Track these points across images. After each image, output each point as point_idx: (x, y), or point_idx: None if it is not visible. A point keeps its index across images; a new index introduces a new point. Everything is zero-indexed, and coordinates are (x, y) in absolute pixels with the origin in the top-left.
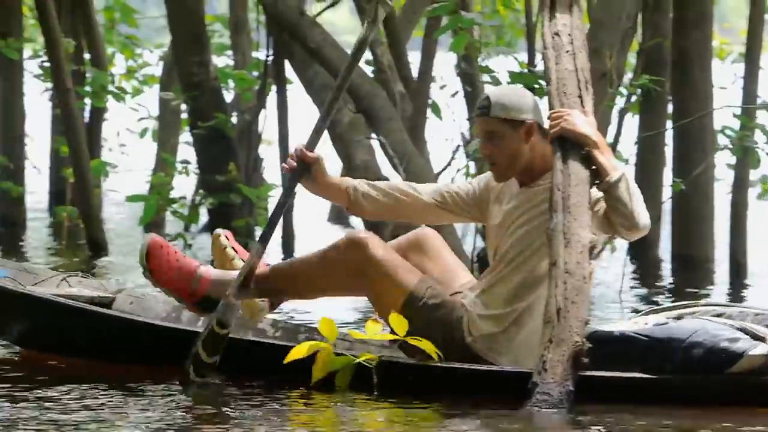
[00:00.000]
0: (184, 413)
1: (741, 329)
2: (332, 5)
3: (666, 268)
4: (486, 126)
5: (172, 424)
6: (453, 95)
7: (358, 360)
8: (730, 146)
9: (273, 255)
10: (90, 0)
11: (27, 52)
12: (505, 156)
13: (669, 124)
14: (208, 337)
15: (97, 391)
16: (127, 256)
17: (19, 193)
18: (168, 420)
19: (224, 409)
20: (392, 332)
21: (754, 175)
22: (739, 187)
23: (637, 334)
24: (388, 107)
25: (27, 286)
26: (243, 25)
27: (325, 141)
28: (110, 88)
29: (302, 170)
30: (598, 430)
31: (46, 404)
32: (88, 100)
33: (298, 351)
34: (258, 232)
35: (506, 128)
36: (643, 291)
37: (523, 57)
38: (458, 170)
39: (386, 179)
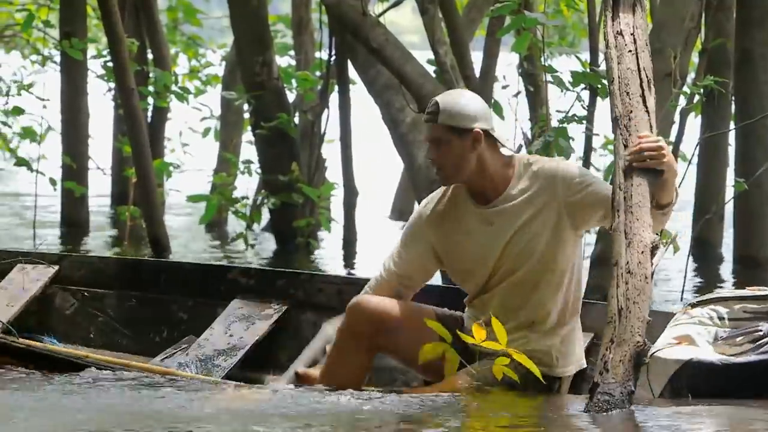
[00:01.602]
0: None
1: None
2: (395, 5)
3: (728, 269)
4: (433, 132)
5: None
6: (515, 95)
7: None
8: None
9: (336, 255)
10: (153, 0)
11: (91, 52)
12: (450, 163)
13: (732, 124)
14: None
15: None
16: (188, 256)
17: (82, 193)
18: None
19: None
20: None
21: None
22: None
23: (736, 361)
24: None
25: None
26: (306, 25)
27: (381, 141)
28: (173, 88)
29: None
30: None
31: None
32: (151, 100)
33: (432, 350)
34: (320, 232)
35: (453, 136)
36: (706, 291)
37: (586, 57)
38: None
39: None
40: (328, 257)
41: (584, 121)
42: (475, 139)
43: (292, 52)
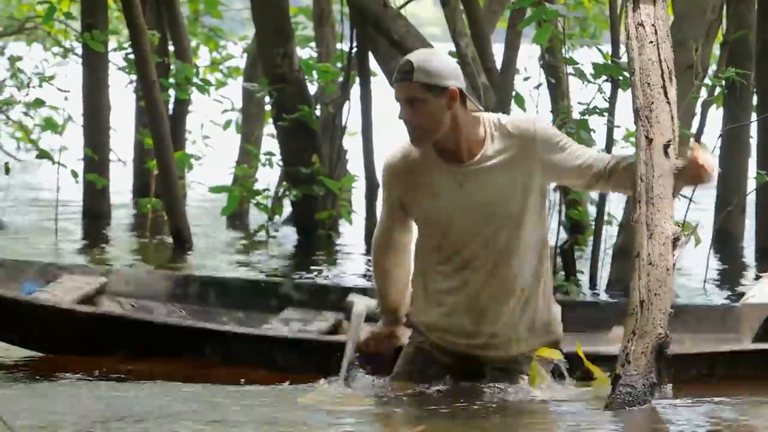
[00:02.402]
0: None
1: None
2: None
3: (750, 260)
4: (408, 91)
5: None
6: (537, 87)
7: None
8: None
9: (357, 247)
10: None
11: (112, 44)
12: (426, 122)
13: (753, 116)
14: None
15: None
16: (210, 247)
17: (103, 185)
18: None
19: None
20: None
21: None
22: None
23: None
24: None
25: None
26: (327, 17)
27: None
28: (194, 80)
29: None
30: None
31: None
32: (172, 92)
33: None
34: (341, 224)
35: (428, 94)
36: (727, 282)
37: (607, 48)
38: None
39: None
40: (349, 249)
41: (605, 113)
42: (451, 97)
43: (313, 44)
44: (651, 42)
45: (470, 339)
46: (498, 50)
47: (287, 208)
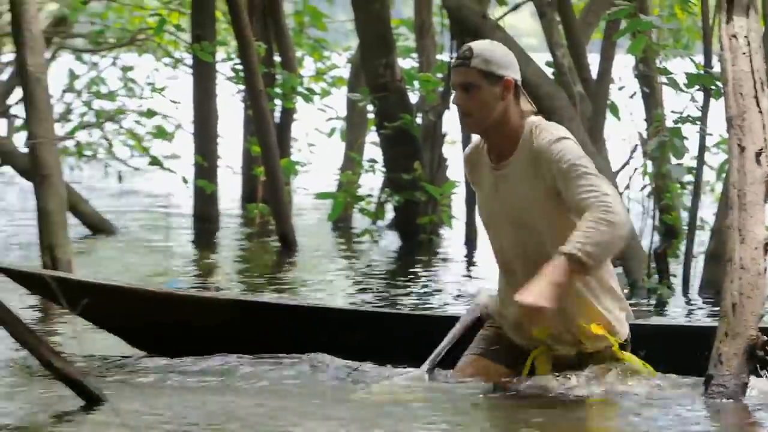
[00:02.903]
0: None
1: None
2: (514, 9)
3: None
4: (465, 77)
5: None
6: (631, 96)
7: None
8: None
9: (458, 251)
10: (280, 5)
11: (220, 55)
12: (479, 109)
13: None
14: None
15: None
16: (315, 252)
17: (212, 191)
18: None
19: None
20: None
21: None
22: None
23: None
24: (568, 108)
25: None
26: (427, 28)
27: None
28: (300, 89)
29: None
30: None
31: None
32: (278, 102)
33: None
34: (442, 229)
35: (484, 81)
36: None
37: (700, 59)
38: (635, 169)
39: None
40: (450, 253)
41: (698, 122)
42: (505, 87)
43: (414, 55)
44: (744, 53)
45: (518, 334)
46: (593, 60)
47: (390, 213)
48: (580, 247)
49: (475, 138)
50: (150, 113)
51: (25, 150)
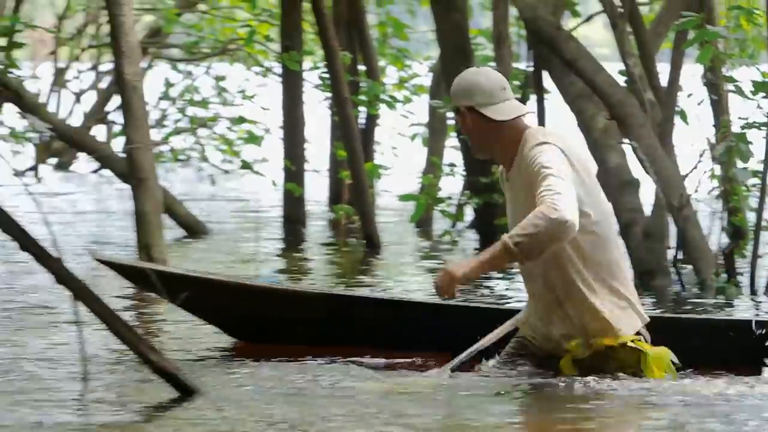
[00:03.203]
0: None
1: None
2: (587, 20)
3: None
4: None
5: None
6: (699, 103)
7: None
8: None
9: None
10: (365, 16)
11: (307, 64)
12: (471, 140)
13: None
14: None
15: None
16: (398, 251)
17: (300, 193)
18: None
19: None
20: None
21: None
22: None
23: None
24: (639, 114)
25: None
26: (505, 38)
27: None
28: (383, 97)
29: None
30: None
31: None
32: (362, 108)
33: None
34: None
35: (457, 116)
36: None
37: (765, 68)
38: (704, 173)
39: (637, 181)
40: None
41: (763, 127)
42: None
43: (492, 64)
44: None
45: (542, 338)
46: (663, 69)
47: (469, 215)
48: (512, 235)
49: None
50: (240, 119)
51: (123, 154)
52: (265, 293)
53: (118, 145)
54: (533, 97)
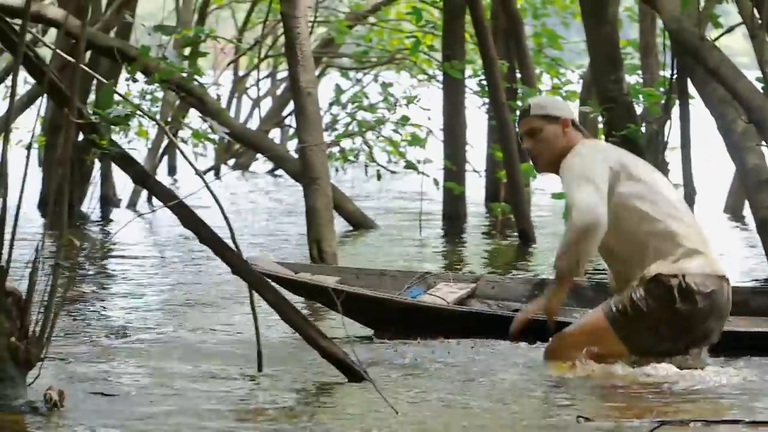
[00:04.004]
0: None
1: None
2: (728, 31)
3: None
4: (528, 124)
5: None
6: None
7: None
8: None
9: None
10: (522, 28)
11: (467, 72)
12: (545, 149)
13: None
14: None
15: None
16: (552, 246)
17: (460, 192)
18: None
19: None
20: None
21: None
22: None
23: None
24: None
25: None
26: (651, 48)
27: (716, 148)
28: None
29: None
30: None
31: None
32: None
33: None
34: None
35: (545, 123)
36: None
37: None
38: None
39: None
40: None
41: None
42: (563, 124)
43: (639, 72)
44: None
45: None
46: None
47: None
48: (554, 264)
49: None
50: (405, 119)
51: (296, 155)
52: (410, 308)
53: (292, 146)
54: (678, 103)
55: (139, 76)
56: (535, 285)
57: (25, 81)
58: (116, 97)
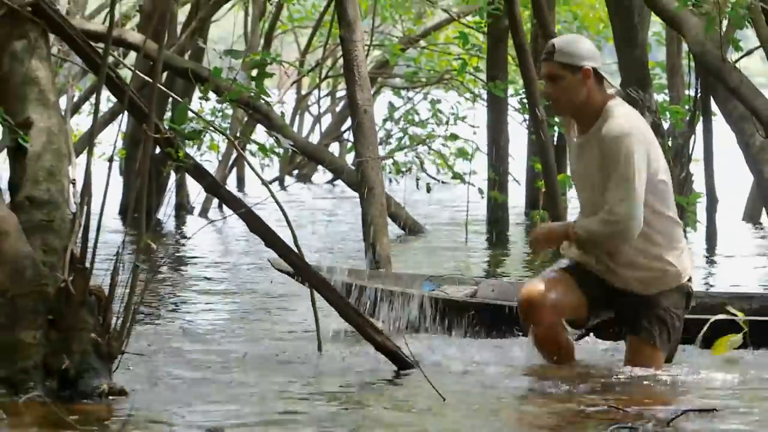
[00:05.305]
0: None
1: None
2: (747, 54)
3: None
4: (550, 69)
5: None
6: None
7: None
8: None
9: (700, 248)
10: None
11: (510, 91)
12: (563, 96)
13: None
14: None
15: None
16: None
17: (503, 200)
18: None
19: None
20: None
21: None
22: None
23: None
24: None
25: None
26: (677, 69)
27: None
28: None
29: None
30: None
31: None
32: (556, 129)
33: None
34: (688, 232)
35: (566, 72)
36: None
37: None
38: None
39: None
40: (694, 251)
41: None
42: (585, 75)
43: (666, 91)
44: None
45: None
46: None
47: None
48: (578, 227)
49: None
50: (453, 137)
51: (354, 167)
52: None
53: (349, 159)
54: (701, 119)
55: (211, 95)
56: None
57: (107, 99)
58: (190, 114)
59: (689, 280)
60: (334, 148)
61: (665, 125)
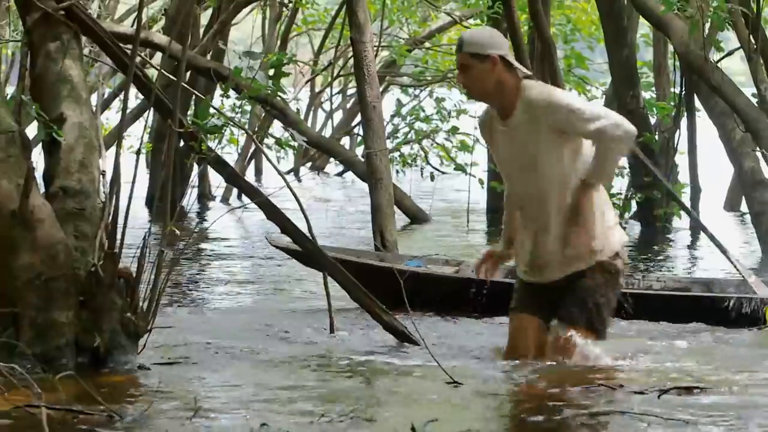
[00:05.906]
0: None
1: None
2: (728, 54)
3: None
4: (461, 60)
5: None
6: None
7: None
8: None
9: (685, 235)
10: (554, 51)
11: None
12: (475, 83)
13: None
14: None
15: None
16: None
17: (502, 190)
18: None
19: None
20: None
21: None
22: None
23: None
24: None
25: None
26: (663, 68)
27: (718, 153)
28: None
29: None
30: None
31: None
32: None
33: None
34: (673, 220)
35: (475, 61)
36: None
37: None
38: None
39: (767, 181)
40: (680, 237)
41: None
42: (492, 62)
43: (653, 88)
44: None
45: (529, 268)
46: None
47: (634, 207)
48: (590, 179)
49: (483, 107)
50: (453, 129)
51: (363, 159)
52: (411, 275)
53: (359, 151)
54: (686, 115)
55: (231, 92)
56: (509, 271)
57: (135, 96)
58: (211, 111)
59: (616, 256)
60: (345, 141)
61: (652, 120)
